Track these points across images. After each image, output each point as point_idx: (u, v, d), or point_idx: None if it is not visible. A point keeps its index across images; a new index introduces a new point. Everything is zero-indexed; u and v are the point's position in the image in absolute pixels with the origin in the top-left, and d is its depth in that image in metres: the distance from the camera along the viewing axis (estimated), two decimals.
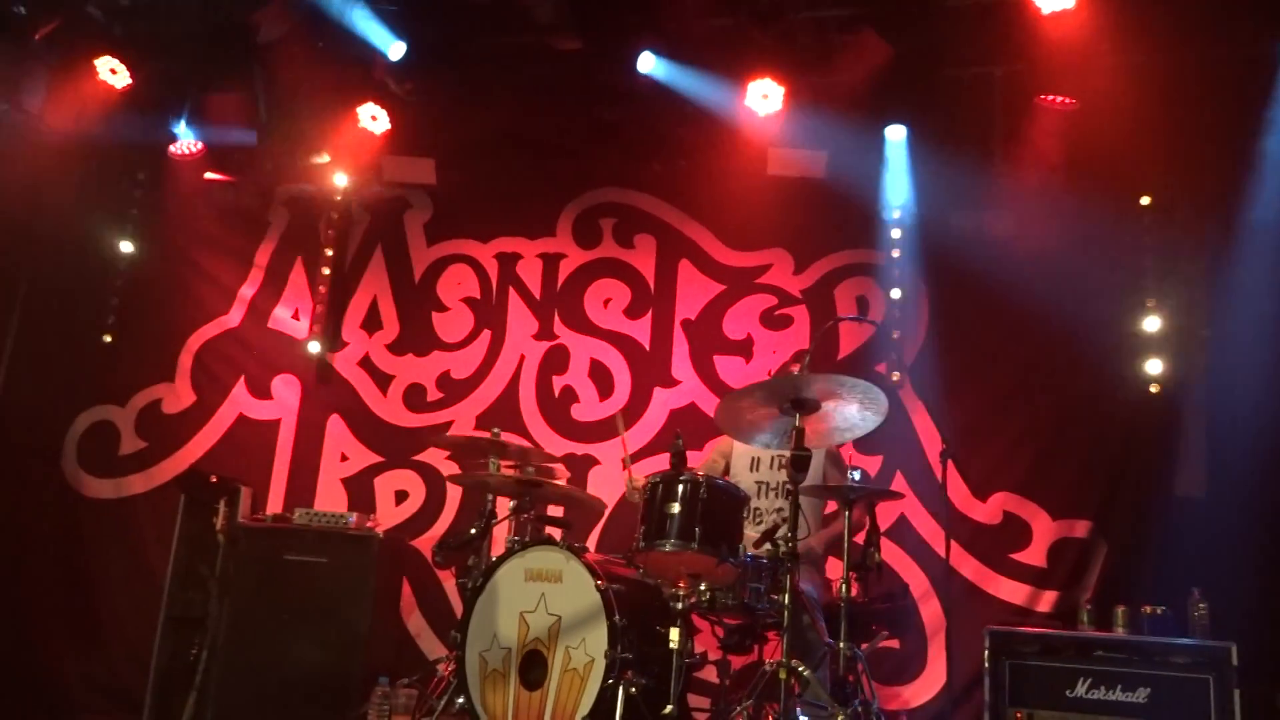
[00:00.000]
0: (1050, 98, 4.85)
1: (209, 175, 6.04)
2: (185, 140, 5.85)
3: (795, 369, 4.39)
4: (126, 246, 6.19)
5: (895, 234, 5.48)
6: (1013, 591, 5.00)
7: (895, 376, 5.33)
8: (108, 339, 6.14)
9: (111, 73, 5.51)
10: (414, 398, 5.88)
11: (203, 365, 6.08)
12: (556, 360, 5.79)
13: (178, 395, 6.05)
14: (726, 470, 4.48)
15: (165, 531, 5.32)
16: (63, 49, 5.35)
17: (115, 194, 6.21)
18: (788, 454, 3.48)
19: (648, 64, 5.09)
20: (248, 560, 4.89)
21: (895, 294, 5.43)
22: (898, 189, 5.41)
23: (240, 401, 5.99)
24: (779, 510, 4.22)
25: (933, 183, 5.31)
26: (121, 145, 5.92)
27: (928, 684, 4.99)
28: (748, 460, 4.44)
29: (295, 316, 6.08)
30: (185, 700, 4.80)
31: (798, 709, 3.55)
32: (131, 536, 5.79)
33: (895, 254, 5.47)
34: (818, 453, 3.97)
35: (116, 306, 6.16)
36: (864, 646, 3.94)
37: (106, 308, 6.15)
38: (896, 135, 5.28)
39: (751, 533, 3.81)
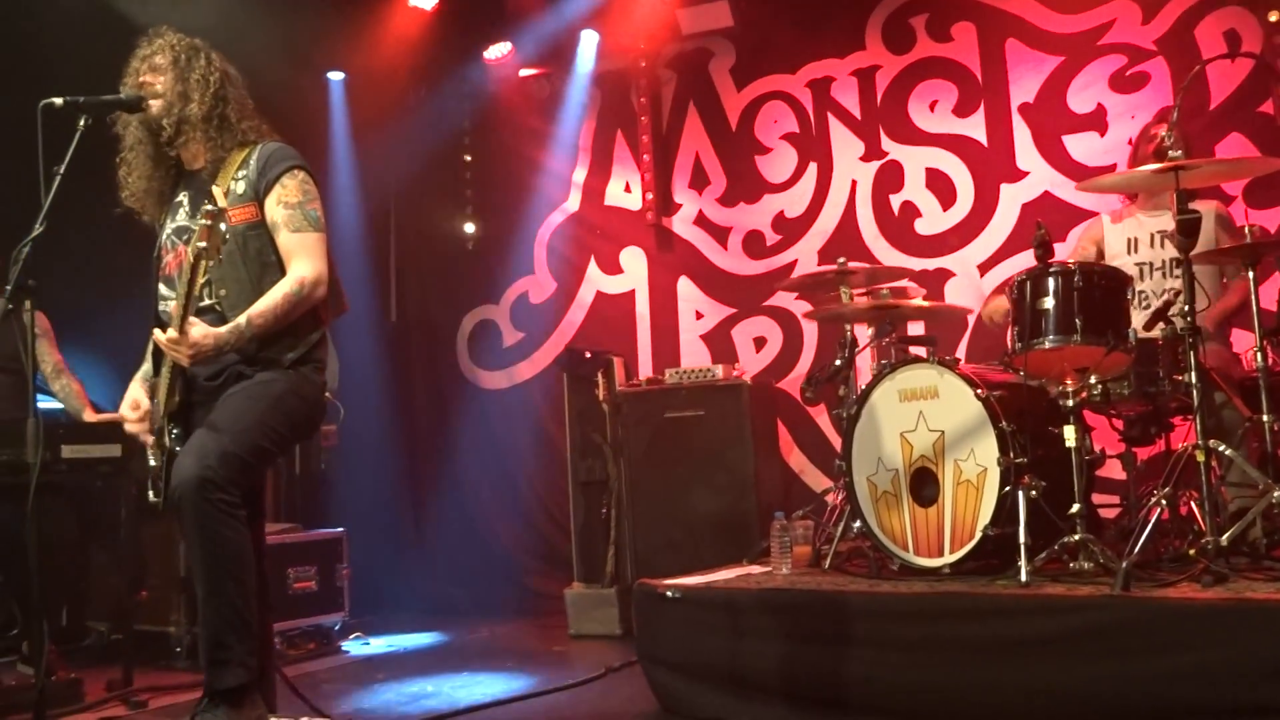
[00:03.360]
0: None
1: (523, 72, 6.33)
2: (496, 45, 6.16)
3: (1159, 130, 3.92)
4: (467, 158, 6.69)
5: None
6: None
7: None
8: (470, 246, 6.71)
9: None
10: (753, 245, 5.91)
11: (556, 253, 6.48)
12: (890, 178, 5.56)
13: (540, 285, 6.52)
14: (1100, 259, 4.13)
15: (557, 408, 5.82)
16: None
17: (448, 112, 6.68)
18: (1170, 228, 3.14)
19: None
20: (633, 423, 5.23)
21: (1274, 16, 4.66)
22: None
23: (595, 280, 6.34)
24: (1169, 290, 3.85)
25: None
26: (441, 68, 6.35)
27: None
28: (1123, 243, 4.07)
29: (627, 190, 6.28)
30: (605, 554, 5.28)
31: (1222, 491, 3.29)
32: (530, 417, 6.40)
33: None
34: (1206, 215, 3.55)
35: (471, 214, 6.71)
36: None
37: (464, 218, 6.71)
38: None
39: (1139, 317, 3.52)
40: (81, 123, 2.65)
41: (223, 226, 2.52)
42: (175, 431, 2.78)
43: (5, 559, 4.18)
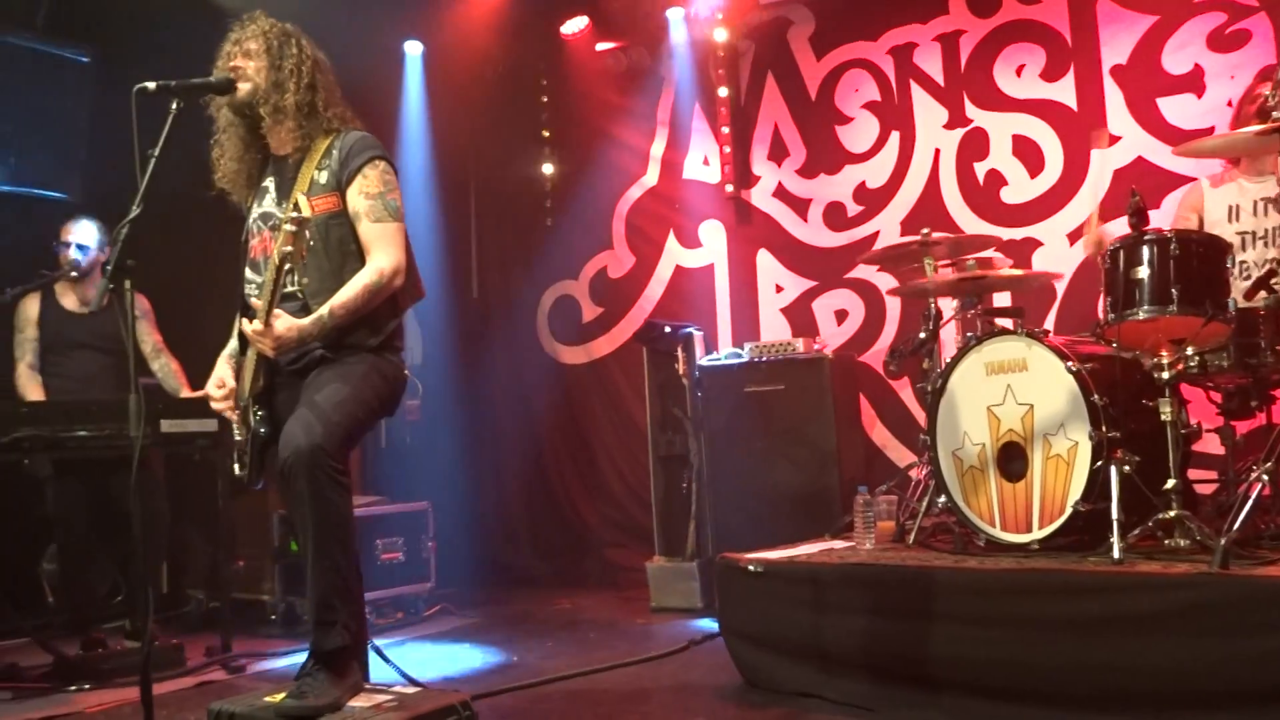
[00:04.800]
0: None
1: (600, 46, 6.32)
2: (573, 20, 6.18)
3: (1263, 90, 3.75)
4: (545, 133, 6.72)
5: None
6: None
7: None
8: (549, 222, 6.75)
9: None
10: (834, 216, 5.83)
11: (634, 227, 6.48)
12: (975, 145, 5.42)
13: (619, 260, 6.53)
14: (1201, 228, 3.98)
15: (636, 383, 5.84)
16: None
17: (524, 88, 6.71)
18: (1275, 193, 3.01)
19: None
20: (713, 397, 5.22)
21: None
22: None
23: (674, 254, 6.33)
24: (1271, 260, 3.69)
25: None
26: (519, 43, 6.37)
27: None
28: (1224, 211, 3.91)
29: (705, 163, 6.25)
30: (686, 528, 5.30)
31: None
32: (610, 392, 6.44)
33: None
34: None
35: (550, 190, 6.74)
36: None
37: (542, 193, 6.75)
38: None
39: (1240, 288, 3.39)
40: (174, 106, 2.72)
41: (307, 234, 2.62)
42: (260, 414, 2.88)
43: (110, 529, 4.36)
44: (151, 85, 2.69)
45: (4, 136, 5.11)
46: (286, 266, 2.65)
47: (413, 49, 6.53)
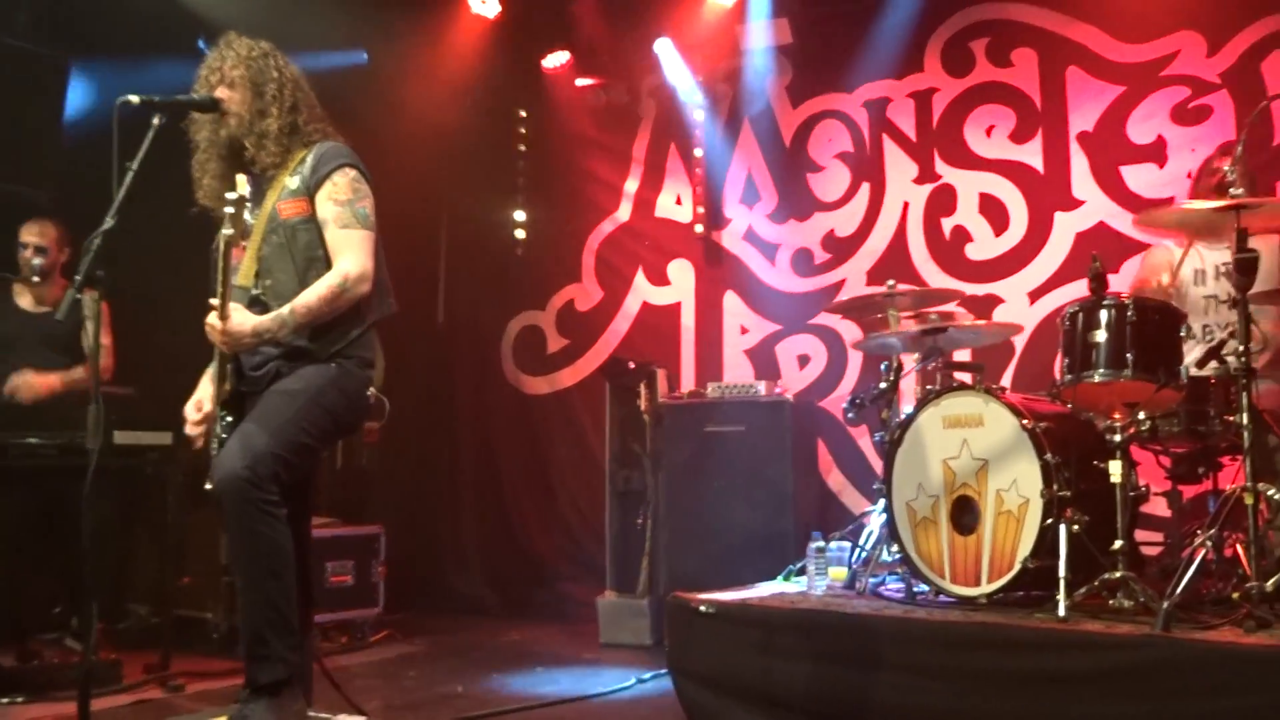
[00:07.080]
0: None
1: (580, 82, 6.38)
2: (555, 54, 6.23)
3: (1222, 165, 3.87)
4: (520, 164, 6.75)
5: None
6: None
7: None
8: (519, 251, 6.77)
9: (481, 2, 5.95)
10: (801, 263, 5.91)
11: (604, 262, 6.51)
12: (942, 201, 5.53)
13: (587, 293, 6.55)
14: (1173, 283, 4.05)
15: (598, 417, 5.84)
16: None
17: (502, 118, 6.75)
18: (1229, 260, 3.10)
19: None
20: (673, 435, 5.24)
21: None
22: None
23: (642, 290, 6.36)
24: (1231, 325, 3.78)
25: None
26: (499, 74, 6.41)
27: None
28: (1191, 273, 3.99)
29: (678, 202, 6.30)
30: (639, 564, 5.29)
31: (1269, 535, 3.24)
32: (571, 424, 6.43)
33: None
34: (1269, 251, 3.50)
35: (522, 220, 6.75)
36: None
37: (514, 223, 6.76)
38: None
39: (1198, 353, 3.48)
40: (155, 121, 2.71)
41: (247, 215, 2.60)
42: (228, 419, 2.82)
43: (55, 539, 4.27)
44: (135, 99, 2.68)
45: None
46: (233, 250, 2.60)
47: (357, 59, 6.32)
